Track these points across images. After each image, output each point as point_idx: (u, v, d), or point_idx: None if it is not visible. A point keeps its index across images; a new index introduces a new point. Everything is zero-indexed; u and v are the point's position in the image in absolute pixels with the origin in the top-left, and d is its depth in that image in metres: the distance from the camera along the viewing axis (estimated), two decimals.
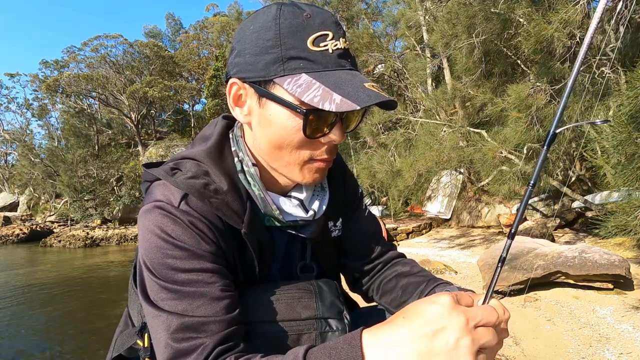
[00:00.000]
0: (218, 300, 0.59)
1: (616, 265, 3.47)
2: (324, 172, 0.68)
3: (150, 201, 0.64)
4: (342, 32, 0.61)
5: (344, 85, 0.57)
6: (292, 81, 0.58)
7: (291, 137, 0.62)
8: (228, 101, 0.67)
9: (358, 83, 0.58)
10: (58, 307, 7.21)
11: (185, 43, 29.37)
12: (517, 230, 0.60)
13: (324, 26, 0.59)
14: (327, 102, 0.55)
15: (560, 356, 2.66)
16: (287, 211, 0.71)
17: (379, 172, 7.48)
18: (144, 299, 0.61)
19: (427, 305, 0.47)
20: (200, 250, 0.61)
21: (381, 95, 0.57)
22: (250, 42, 0.61)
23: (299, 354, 0.50)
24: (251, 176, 0.69)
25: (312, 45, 0.58)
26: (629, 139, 2.75)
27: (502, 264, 0.60)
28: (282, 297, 0.68)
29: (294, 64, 0.58)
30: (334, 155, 0.67)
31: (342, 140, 0.64)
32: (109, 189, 20.50)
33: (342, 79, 0.58)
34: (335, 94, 0.56)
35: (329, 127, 0.62)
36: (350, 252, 0.89)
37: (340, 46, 0.60)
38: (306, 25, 0.59)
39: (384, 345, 0.46)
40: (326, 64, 0.59)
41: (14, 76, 30.03)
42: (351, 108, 0.54)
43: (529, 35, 4.93)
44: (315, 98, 0.56)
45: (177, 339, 0.56)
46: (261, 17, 0.62)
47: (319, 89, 0.56)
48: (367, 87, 0.58)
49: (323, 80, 0.57)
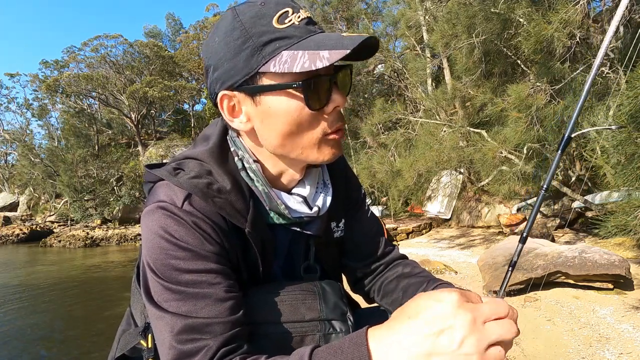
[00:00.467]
0: (222, 301, 0.59)
1: (616, 265, 3.47)
2: (340, 144, 0.69)
3: (153, 202, 0.64)
4: (297, 5, 0.62)
5: (325, 43, 0.58)
6: (276, 62, 0.58)
7: (298, 118, 0.62)
8: (224, 117, 0.67)
9: (336, 36, 0.59)
10: (58, 307, 7.21)
11: (185, 43, 29.34)
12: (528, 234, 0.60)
13: (280, 5, 0.60)
14: (317, 61, 0.56)
15: (560, 356, 2.66)
16: (292, 207, 0.71)
17: (379, 172, 7.48)
18: (148, 300, 0.61)
19: (433, 302, 0.46)
20: (204, 250, 0.61)
21: (362, 35, 0.57)
22: (222, 51, 0.62)
23: (305, 354, 0.50)
24: (253, 172, 0.68)
25: (277, 24, 0.59)
26: (629, 139, 2.75)
27: (513, 269, 0.60)
28: (286, 299, 0.68)
29: (270, 47, 0.59)
30: (343, 122, 0.67)
31: (345, 103, 0.64)
32: (109, 189, 20.50)
33: (320, 39, 0.59)
34: (321, 51, 0.56)
35: (327, 93, 0.62)
36: (352, 253, 0.89)
37: (303, 16, 0.61)
38: (265, 11, 0.60)
39: (389, 343, 0.46)
40: (299, 35, 0.60)
41: (14, 76, 30.02)
42: (342, 54, 0.55)
43: (529, 35, 4.93)
44: (305, 64, 0.56)
45: (181, 341, 0.56)
46: (221, 26, 0.63)
47: (304, 54, 0.57)
48: (346, 35, 0.59)
49: (303, 47, 0.58)
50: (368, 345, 0.47)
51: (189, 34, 30.43)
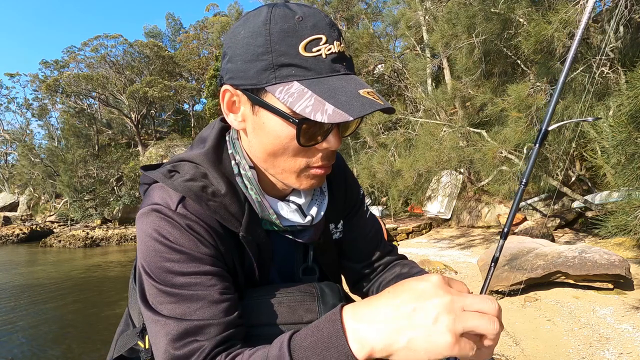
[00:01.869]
0: (217, 303, 0.59)
1: (616, 265, 3.47)
2: (322, 178, 0.67)
3: (147, 204, 0.64)
4: (336, 34, 0.59)
5: (337, 94, 0.55)
6: (284, 90, 0.56)
7: (285, 145, 0.60)
8: (222, 107, 0.66)
9: (352, 90, 0.56)
10: (58, 307, 7.21)
11: (185, 43, 29.38)
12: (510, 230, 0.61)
13: (316, 29, 0.57)
14: (319, 112, 0.53)
15: (560, 356, 2.66)
16: (285, 216, 0.70)
17: (379, 172, 7.48)
18: (143, 303, 0.61)
19: (415, 282, 0.47)
20: (199, 253, 0.61)
21: (376, 104, 0.55)
22: (241, 48, 0.60)
23: (284, 339, 0.50)
24: (248, 180, 0.68)
25: (304, 50, 0.56)
26: (629, 139, 2.75)
27: (496, 264, 0.60)
28: (285, 300, 0.67)
29: (285, 71, 0.56)
30: (332, 161, 0.66)
31: (338, 147, 0.62)
32: (109, 189, 20.51)
33: (335, 87, 0.56)
34: (328, 103, 0.54)
35: (324, 134, 0.60)
36: (350, 254, 0.89)
37: (335, 50, 0.58)
38: (298, 29, 0.56)
39: (365, 319, 0.47)
40: (319, 70, 0.56)
41: (14, 76, 30.05)
42: (344, 119, 0.52)
43: (529, 35, 4.93)
44: (307, 108, 0.54)
45: (176, 346, 0.56)
46: (252, 21, 0.60)
47: (311, 98, 0.55)
48: (362, 94, 0.56)
49: (315, 88, 0.55)
50: (342, 320, 0.48)
51: (189, 34, 30.47)
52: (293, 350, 0.49)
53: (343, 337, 0.46)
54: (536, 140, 0.62)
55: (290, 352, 0.48)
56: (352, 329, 0.47)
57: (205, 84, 22.24)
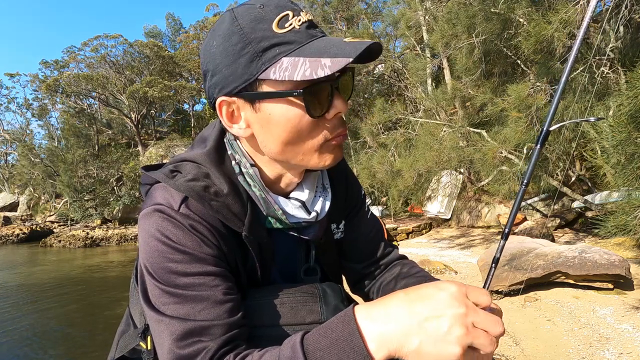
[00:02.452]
0: (221, 303, 0.59)
1: (616, 265, 3.47)
2: (341, 148, 0.68)
3: (150, 204, 0.64)
4: (298, 7, 0.61)
5: (326, 49, 0.56)
6: (276, 69, 0.57)
7: (298, 125, 0.60)
8: (223, 123, 0.65)
9: (338, 42, 0.57)
10: (58, 307, 7.21)
11: (185, 43, 29.34)
12: (511, 230, 0.61)
13: (280, 8, 0.59)
14: (319, 69, 0.54)
15: (560, 356, 2.66)
16: (290, 212, 0.70)
17: (379, 172, 7.48)
18: (146, 304, 0.61)
19: (434, 289, 0.47)
20: (202, 253, 0.61)
21: (365, 42, 0.56)
22: (220, 56, 0.60)
23: (296, 340, 0.50)
24: (251, 177, 0.67)
25: (278, 28, 0.57)
26: (629, 139, 2.76)
27: (496, 265, 0.60)
28: (287, 301, 0.67)
29: (270, 53, 0.57)
30: (345, 127, 0.66)
31: (346, 109, 0.63)
32: (109, 189, 20.50)
33: (321, 46, 0.57)
34: (323, 58, 0.55)
35: (328, 100, 0.61)
36: (351, 254, 0.89)
37: (304, 19, 0.59)
38: (264, 14, 0.58)
39: (380, 319, 0.47)
40: (299, 39, 0.58)
41: (14, 76, 30.02)
42: (345, 62, 0.54)
43: (529, 35, 4.93)
44: (306, 72, 0.55)
45: (180, 346, 0.56)
46: (219, 29, 0.61)
47: (305, 62, 0.56)
48: (348, 41, 0.57)
49: (304, 53, 0.57)
50: (356, 319, 0.48)
51: (189, 34, 30.44)
52: (307, 352, 0.48)
53: (359, 337, 0.46)
54: (537, 141, 0.62)
55: (304, 354, 0.48)
56: (367, 329, 0.47)
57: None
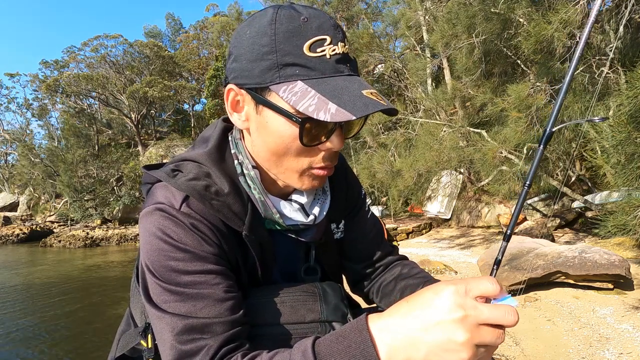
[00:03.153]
0: (222, 301, 0.59)
1: (616, 265, 3.47)
2: (323, 179, 0.68)
3: (151, 203, 0.64)
4: (340, 35, 0.59)
5: (340, 93, 0.55)
6: (288, 89, 0.57)
7: (288, 145, 0.61)
8: (226, 107, 0.66)
9: (356, 90, 0.56)
10: (58, 307, 7.21)
11: (185, 43, 29.35)
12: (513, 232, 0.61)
13: (321, 30, 0.57)
14: (322, 111, 0.54)
15: (560, 356, 2.66)
16: (288, 215, 0.70)
17: (379, 172, 7.48)
18: (147, 302, 0.61)
19: (430, 295, 0.47)
20: (203, 252, 0.61)
21: (379, 104, 0.55)
22: (246, 48, 0.60)
23: (308, 345, 0.50)
24: (251, 179, 0.68)
25: (308, 51, 0.57)
26: (629, 139, 2.76)
27: (498, 267, 0.60)
28: (287, 300, 0.68)
29: (289, 70, 0.57)
30: (334, 162, 0.66)
31: (341, 147, 0.63)
32: (109, 189, 20.50)
33: (339, 86, 0.56)
34: (331, 102, 0.54)
35: (327, 134, 0.61)
36: (351, 255, 0.89)
37: (339, 51, 0.58)
38: (303, 30, 0.57)
39: (390, 329, 0.47)
40: (323, 70, 0.57)
41: (14, 76, 30.03)
42: (346, 118, 0.53)
43: (529, 35, 4.93)
44: (310, 107, 0.55)
45: (182, 341, 0.57)
46: (257, 21, 0.60)
47: (314, 97, 0.55)
48: (366, 94, 0.56)
49: (319, 88, 0.56)
50: (369, 328, 0.48)
51: (189, 34, 30.45)
52: (319, 357, 0.49)
53: (372, 346, 0.46)
54: (540, 142, 0.62)
55: (316, 359, 0.48)
56: (379, 339, 0.47)
57: (205, 84, 22.22)
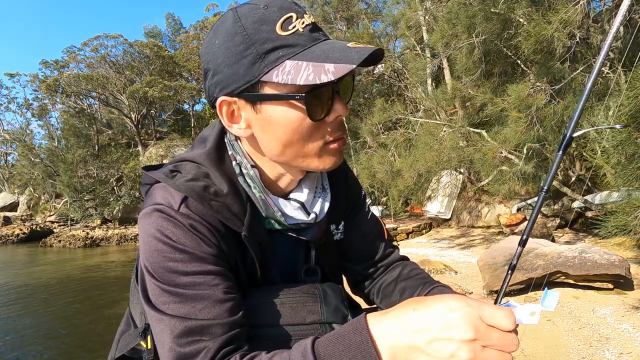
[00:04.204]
0: (221, 302, 0.59)
1: (616, 265, 3.47)
2: (341, 153, 0.68)
3: (150, 204, 0.64)
4: (302, 9, 0.60)
5: (330, 54, 0.56)
6: (279, 72, 0.57)
7: (299, 128, 0.61)
8: (223, 122, 0.65)
9: (342, 47, 0.57)
10: (58, 307, 7.21)
11: (185, 43, 29.34)
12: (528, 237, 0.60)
13: (284, 10, 0.58)
14: (322, 74, 0.54)
15: (560, 356, 2.66)
16: (289, 214, 0.70)
17: (379, 172, 7.48)
18: (147, 303, 0.61)
19: (443, 308, 0.45)
20: (202, 252, 0.61)
21: (369, 48, 0.56)
22: (222, 56, 0.60)
23: (307, 345, 0.50)
24: (251, 178, 0.68)
25: (281, 31, 0.57)
26: (629, 139, 2.76)
27: (512, 271, 0.59)
28: (287, 301, 0.68)
29: (273, 55, 0.57)
30: (344, 131, 0.67)
31: (347, 112, 0.63)
32: (109, 189, 20.50)
33: (325, 50, 0.57)
34: (326, 64, 0.55)
35: (328, 103, 0.61)
36: (352, 255, 0.89)
37: (308, 22, 0.59)
38: (268, 16, 0.58)
39: (391, 330, 0.47)
40: (303, 43, 0.58)
41: (14, 76, 30.00)
42: (348, 69, 0.54)
43: (529, 35, 4.93)
44: (309, 76, 0.55)
45: (181, 343, 0.56)
46: (222, 28, 0.61)
47: (309, 66, 0.55)
48: (352, 46, 0.57)
49: (308, 57, 0.56)
50: (369, 328, 0.47)
51: (189, 34, 30.44)
52: (318, 357, 0.48)
53: (372, 345, 0.46)
54: (559, 147, 0.60)
55: (316, 359, 0.48)
56: (380, 339, 0.46)
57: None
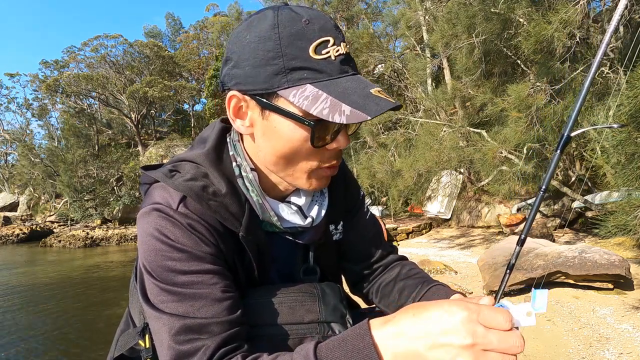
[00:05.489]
0: (219, 301, 0.59)
1: (616, 265, 3.47)
2: (329, 178, 0.69)
3: (148, 204, 0.64)
4: (341, 35, 0.60)
5: (351, 94, 0.56)
6: (298, 93, 0.57)
7: (298, 148, 0.61)
8: (228, 113, 0.66)
9: (364, 90, 0.57)
10: (58, 307, 7.21)
11: (185, 43, 29.36)
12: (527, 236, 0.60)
13: (324, 32, 0.58)
14: (337, 114, 0.55)
15: (560, 356, 2.66)
16: (286, 218, 0.71)
17: (379, 172, 7.48)
18: (145, 302, 0.61)
19: (442, 313, 0.46)
20: (200, 252, 0.61)
21: (389, 103, 0.56)
22: (248, 53, 0.59)
23: (309, 350, 0.50)
24: (249, 182, 0.68)
25: (314, 53, 0.57)
26: (629, 139, 2.76)
27: (511, 271, 0.59)
28: (286, 301, 0.68)
29: (297, 74, 0.57)
30: (339, 159, 0.68)
31: (347, 146, 0.64)
32: (109, 189, 20.51)
33: (348, 88, 0.57)
34: (344, 104, 0.55)
35: (333, 134, 0.62)
36: (350, 255, 0.89)
37: (342, 51, 0.59)
38: (306, 32, 0.57)
39: (393, 336, 0.47)
40: (330, 72, 0.58)
41: (14, 76, 30.01)
42: (362, 119, 0.54)
43: (529, 35, 4.93)
44: (325, 110, 0.55)
45: (179, 341, 0.57)
46: (257, 26, 0.60)
47: (327, 100, 0.56)
48: (374, 93, 0.57)
49: (329, 90, 0.56)
50: (371, 334, 0.47)
51: (189, 34, 30.45)
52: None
53: (374, 351, 0.46)
54: (557, 147, 0.60)
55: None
56: (382, 345, 0.47)
57: (205, 84, 22.21)
